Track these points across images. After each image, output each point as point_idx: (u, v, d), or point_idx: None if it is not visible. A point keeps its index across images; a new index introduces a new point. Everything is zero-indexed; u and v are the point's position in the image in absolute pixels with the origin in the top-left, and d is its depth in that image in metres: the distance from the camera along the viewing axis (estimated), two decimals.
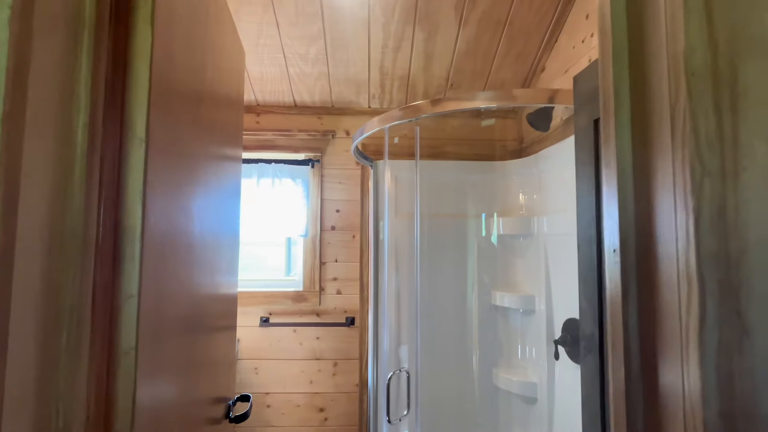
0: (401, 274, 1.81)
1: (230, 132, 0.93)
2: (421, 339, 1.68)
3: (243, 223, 1.79)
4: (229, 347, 0.95)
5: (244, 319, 1.87)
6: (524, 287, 1.75)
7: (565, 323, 1.47)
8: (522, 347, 1.77)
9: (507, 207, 1.83)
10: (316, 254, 1.89)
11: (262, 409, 1.84)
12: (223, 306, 0.91)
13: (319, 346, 1.87)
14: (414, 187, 1.77)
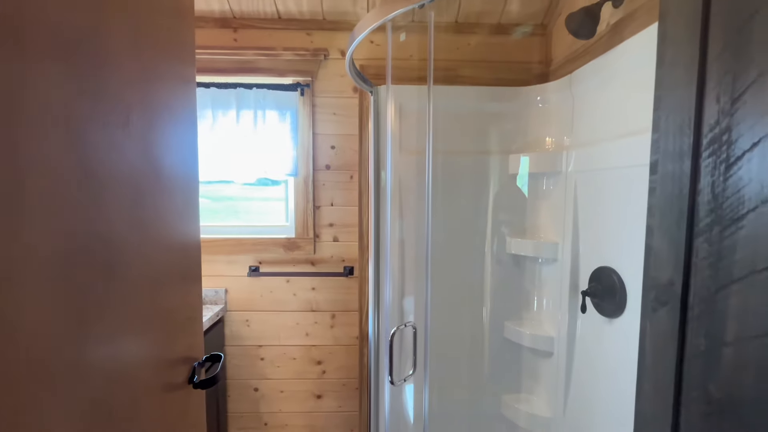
0: (406, 219, 1.60)
1: (167, 45, 0.66)
2: (431, 290, 1.51)
3: (220, 162, 1.55)
4: (191, 300, 0.75)
5: (230, 269, 1.69)
6: (546, 233, 1.54)
7: (594, 273, 1.28)
8: (539, 299, 1.60)
9: (531, 140, 1.57)
10: (309, 197, 1.66)
11: (255, 361, 1.73)
12: (178, 254, 0.70)
13: (315, 297, 1.71)
14: (425, 114, 1.49)
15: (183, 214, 0.72)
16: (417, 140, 1.58)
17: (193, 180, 0.78)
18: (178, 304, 0.69)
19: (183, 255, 0.72)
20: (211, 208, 1.78)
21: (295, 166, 1.57)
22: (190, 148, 0.76)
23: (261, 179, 1.81)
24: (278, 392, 1.74)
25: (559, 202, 1.47)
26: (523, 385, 1.64)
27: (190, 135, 0.76)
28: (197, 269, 0.79)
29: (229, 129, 1.54)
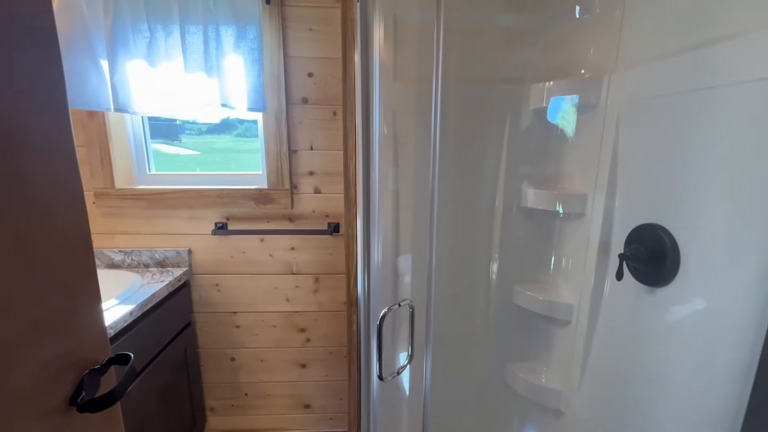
0: (402, 164, 1.31)
1: None
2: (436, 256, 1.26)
3: (166, 96, 1.21)
4: (72, 270, 0.49)
5: (193, 225, 1.42)
6: (573, 183, 1.27)
7: (634, 232, 1.03)
8: (557, 261, 1.37)
9: (561, 64, 1.24)
10: (282, 138, 1.36)
11: (230, 329, 1.52)
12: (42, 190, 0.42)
13: (296, 258, 1.47)
14: (427, 28, 1.15)
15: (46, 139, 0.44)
16: (417, 64, 1.24)
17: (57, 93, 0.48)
18: (42, 275, 0.43)
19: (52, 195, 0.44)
20: (201, 161, 1.48)
21: (261, 98, 1.24)
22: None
23: (236, 123, 1.49)
24: (258, 361, 1.56)
25: (592, 144, 1.18)
26: (531, 354, 1.46)
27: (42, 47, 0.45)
28: (84, 229, 0.52)
29: (172, 52, 1.19)
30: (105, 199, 1.37)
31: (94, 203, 1.37)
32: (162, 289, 1.25)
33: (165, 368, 1.28)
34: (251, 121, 1.49)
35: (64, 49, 1.15)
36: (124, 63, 1.17)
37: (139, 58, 1.18)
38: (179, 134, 1.45)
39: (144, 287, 1.24)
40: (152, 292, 1.20)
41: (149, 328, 1.19)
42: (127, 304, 1.11)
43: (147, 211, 1.40)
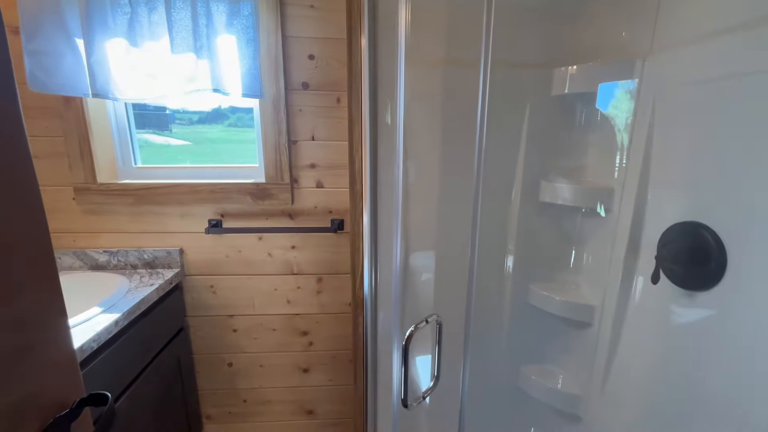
0: (413, 155, 1.21)
1: None
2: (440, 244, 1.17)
3: (149, 80, 1.08)
4: (31, 299, 0.38)
5: (185, 223, 1.31)
6: (598, 176, 1.18)
7: (669, 231, 0.94)
8: (578, 260, 1.29)
9: (588, 46, 1.14)
10: (282, 128, 1.24)
11: (227, 333, 1.42)
12: None
13: (297, 257, 1.37)
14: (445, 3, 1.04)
15: None
16: (432, 45, 1.13)
17: None
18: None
19: None
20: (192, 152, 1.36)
21: (257, 82, 1.12)
22: None
23: (227, 113, 1.36)
24: (257, 366, 1.47)
25: (622, 134, 1.09)
26: (547, 357, 1.38)
27: None
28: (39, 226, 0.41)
29: (157, 29, 1.06)
30: (86, 195, 1.24)
31: (75, 199, 1.25)
32: (152, 294, 1.14)
33: (156, 378, 1.18)
34: (244, 109, 1.37)
35: (32, 27, 1.02)
36: (102, 42, 1.03)
37: (119, 36, 1.05)
38: (169, 124, 1.32)
39: (132, 292, 1.13)
40: (141, 297, 1.09)
41: (138, 336, 1.09)
42: (111, 312, 1.00)
43: (133, 207, 1.28)
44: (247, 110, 1.37)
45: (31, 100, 1.17)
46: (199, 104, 1.36)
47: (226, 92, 1.09)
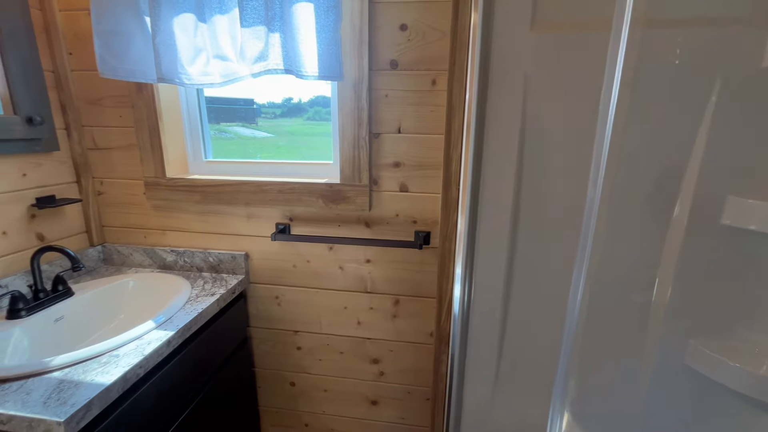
0: (539, 154, 0.90)
1: None
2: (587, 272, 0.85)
3: (214, 62, 0.93)
4: None
5: (251, 226, 1.16)
6: None
7: None
8: None
9: None
10: (362, 118, 1.01)
11: (290, 350, 1.26)
12: None
13: (371, 273, 1.15)
14: None
15: None
16: (573, 2, 0.80)
17: None
18: None
19: None
20: (273, 144, 1.24)
21: (337, 60, 0.90)
22: None
23: (306, 107, 1.19)
24: (321, 391, 1.29)
25: None
26: None
27: None
28: None
29: (227, 1, 0.90)
30: (155, 190, 1.16)
31: (145, 194, 1.17)
32: (211, 306, 1.01)
33: (215, 395, 1.06)
34: (322, 102, 1.18)
35: (101, 5, 0.92)
36: (169, 19, 0.90)
37: (188, 11, 0.90)
38: (256, 117, 1.21)
39: (191, 302, 1.01)
40: (199, 310, 0.96)
41: (195, 354, 0.96)
42: (165, 328, 0.87)
43: (200, 206, 1.17)
44: (325, 103, 1.17)
45: (105, 89, 1.11)
46: (272, 91, 1.20)
47: (300, 72, 0.89)
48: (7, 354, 0.82)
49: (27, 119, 0.99)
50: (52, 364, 0.72)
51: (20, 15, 0.97)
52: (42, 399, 0.65)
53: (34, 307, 0.91)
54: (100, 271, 1.20)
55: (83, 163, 1.16)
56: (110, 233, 1.24)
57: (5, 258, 0.99)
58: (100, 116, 1.13)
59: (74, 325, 0.96)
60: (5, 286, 0.97)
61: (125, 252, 1.23)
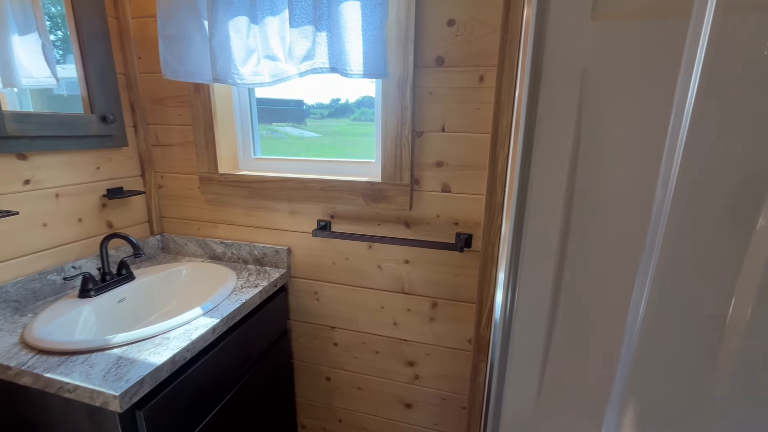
0: (597, 156, 0.83)
1: None
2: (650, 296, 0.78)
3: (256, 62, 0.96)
4: None
5: (294, 221, 1.20)
6: None
7: None
8: None
9: None
10: (406, 116, 1.00)
11: (327, 345, 1.28)
12: None
13: (409, 274, 1.13)
14: None
15: None
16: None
17: None
18: None
19: None
20: (320, 143, 1.28)
21: (381, 58, 0.90)
22: None
23: (353, 107, 1.20)
24: (355, 388, 1.30)
25: None
26: None
27: None
28: None
29: (278, 3, 0.92)
30: (208, 185, 1.23)
31: (199, 188, 1.25)
32: (254, 297, 1.05)
33: (255, 383, 1.10)
34: (368, 103, 1.18)
35: (167, 12, 0.99)
36: (225, 22, 0.95)
37: (242, 14, 0.94)
38: (305, 118, 1.25)
39: (236, 292, 1.05)
40: (242, 300, 1.00)
41: (237, 342, 1.00)
42: (212, 315, 0.92)
43: (247, 200, 1.22)
44: (371, 104, 1.18)
45: (168, 90, 1.19)
46: (321, 92, 1.23)
47: (345, 71, 0.89)
48: (77, 329, 0.90)
49: (101, 117, 1.09)
50: (112, 341, 0.79)
51: (99, 23, 1.07)
52: (102, 373, 0.71)
53: (101, 288, 1.00)
54: (158, 259, 1.29)
55: (147, 159, 1.26)
56: (168, 224, 1.34)
57: (81, 242, 1.10)
58: (162, 115, 1.22)
59: (134, 307, 1.05)
60: (79, 267, 1.08)
61: (180, 242, 1.32)
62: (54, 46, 1.01)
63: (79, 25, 1.02)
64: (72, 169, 1.06)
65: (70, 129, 1.01)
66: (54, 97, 1.03)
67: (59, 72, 1.03)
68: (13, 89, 0.95)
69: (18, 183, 0.94)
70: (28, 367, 0.72)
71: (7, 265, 0.93)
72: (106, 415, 0.70)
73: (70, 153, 1.05)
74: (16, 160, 0.93)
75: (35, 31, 0.97)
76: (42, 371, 0.71)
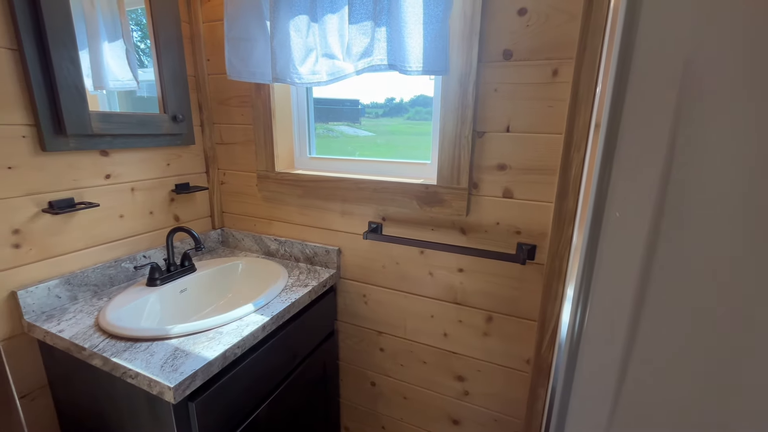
0: (685, 154, 0.70)
1: None
2: None
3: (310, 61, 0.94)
4: None
5: (345, 222, 1.18)
6: None
7: None
8: None
9: None
10: (467, 115, 0.93)
11: (374, 350, 1.25)
12: None
13: (463, 284, 1.06)
14: None
15: None
16: None
17: None
18: None
19: None
20: (375, 142, 1.28)
21: (443, 53, 0.84)
22: None
23: (407, 106, 1.17)
24: (400, 397, 1.25)
25: None
26: None
27: None
28: None
29: (338, 1, 0.90)
30: (265, 182, 1.26)
31: (257, 186, 1.28)
32: (303, 297, 1.04)
33: (301, 382, 1.10)
34: (422, 102, 1.13)
35: (233, 14, 1.02)
36: (286, 21, 0.95)
37: (302, 13, 0.94)
38: (360, 117, 1.24)
39: (287, 290, 1.06)
40: (292, 300, 1.00)
41: (286, 340, 1.00)
42: (262, 313, 0.93)
43: (301, 199, 1.23)
44: (425, 103, 1.12)
45: (231, 90, 1.24)
46: (376, 91, 1.20)
47: (403, 67, 0.85)
48: (144, 315, 0.96)
49: (173, 117, 1.16)
50: (172, 332, 0.82)
51: (174, 28, 1.13)
52: (160, 362, 0.74)
53: (166, 278, 1.06)
54: (217, 252, 1.35)
55: (212, 156, 1.32)
56: (228, 218, 1.39)
57: (151, 234, 1.17)
58: (226, 115, 1.27)
59: (194, 298, 1.10)
60: (149, 256, 1.15)
61: (238, 237, 1.37)
62: (136, 52, 1.08)
63: (156, 30, 1.09)
64: (146, 165, 1.13)
65: (146, 128, 1.09)
66: (137, 99, 1.11)
67: (140, 75, 1.11)
68: (102, 91, 1.04)
69: (100, 177, 1.02)
70: (99, 350, 0.77)
71: (89, 252, 1.02)
72: (162, 404, 0.72)
73: (145, 150, 1.13)
74: (99, 157, 1.02)
75: (121, 38, 1.05)
76: (110, 355, 0.75)
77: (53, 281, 0.93)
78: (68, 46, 0.88)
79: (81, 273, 0.99)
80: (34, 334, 0.88)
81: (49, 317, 0.90)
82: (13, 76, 0.83)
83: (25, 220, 0.88)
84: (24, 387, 0.93)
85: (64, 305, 0.95)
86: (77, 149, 0.95)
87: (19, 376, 0.92)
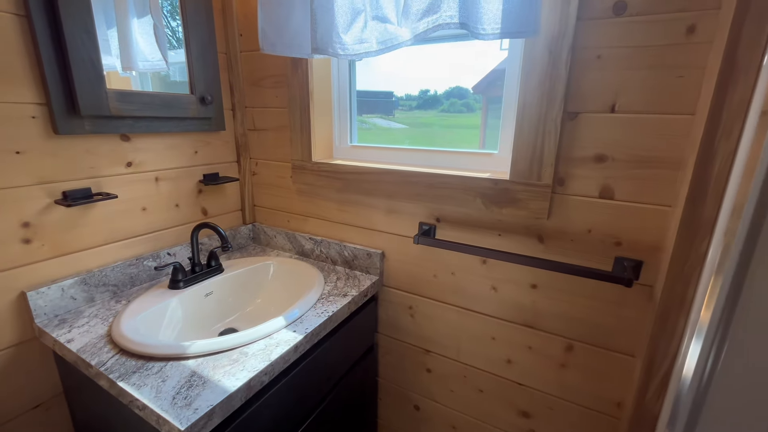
0: None
1: None
2: None
3: None
4: None
5: (391, 222, 1.01)
6: None
7: None
8: None
9: None
10: (556, 90, 0.72)
11: (419, 370, 1.08)
12: None
13: (536, 303, 0.86)
14: None
15: None
16: None
17: None
18: None
19: None
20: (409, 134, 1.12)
21: (533, 8, 0.63)
22: None
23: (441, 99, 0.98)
24: (449, 426, 1.08)
25: None
26: None
27: None
28: None
29: None
30: (300, 174, 1.11)
31: (291, 177, 1.14)
32: (342, 310, 0.89)
33: (337, 402, 0.95)
34: (457, 94, 0.95)
35: None
36: None
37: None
38: (393, 109, 1.08)
39: (323, 301, 0.91)
40: (330, 313, 0.85)
41: (321, 361, 0.85)
42: (295, 330, 0.78)
43: (340, 194, 1.07)
44: (460, 95, 0.95)
45: (266, 69, 1.09)
46: (411, 83, 1.01)
47: (476, 28, 0.65)
48: (164, 323, 0.85)
49: (201, 98, 1.03)
50: (189, 350, 0.69)
51: (203, 0, 1.00)
52: (173, 392, 0.60)
53: (189, 280, 0.94)
54: (248, 249, 1.23)
55: (243, 144, 1.19)
56: (260, 212, 1.27)
57: (177, 228, 1.06)
58: (259, 97, 1.13)
59: (219, 303, 0.98)
60: (174, 254, 1.04)
61: (270, 233, 1.23)
62: (168, 32, 0.96)
63: (184, 1, 0.96)
64: (172, 153, 1.02)
65: (171, 110, 0.96)
66: (169, 82, 0.99)
67: (172, 57, 0.99)
68: (133, 73, 0.93)
69: (121, 165, 0.91)
70: (106, 369, 0.65)
71: (108, 248, 0.91)
72: None
73: (171, 136, 1.01)
74: (120, 142, 0.90)
75: (149, 12, 0.93)
76: (117, 377, 0.63)
77: (68, 281, 0.83)
78: (83, 12, 0.76)
79: (99, 272, 0.88)
80: (45, 341, 0.78)
81: (62, 321, 0.80)
82: (20, 46, 0.72)
83: (35, 212, 0.78)
84: (36, 396, 0.84)
85: (80, 307, 0.85)
86: (94, 132, 0.84)
87: (31, 385, 0.83)
